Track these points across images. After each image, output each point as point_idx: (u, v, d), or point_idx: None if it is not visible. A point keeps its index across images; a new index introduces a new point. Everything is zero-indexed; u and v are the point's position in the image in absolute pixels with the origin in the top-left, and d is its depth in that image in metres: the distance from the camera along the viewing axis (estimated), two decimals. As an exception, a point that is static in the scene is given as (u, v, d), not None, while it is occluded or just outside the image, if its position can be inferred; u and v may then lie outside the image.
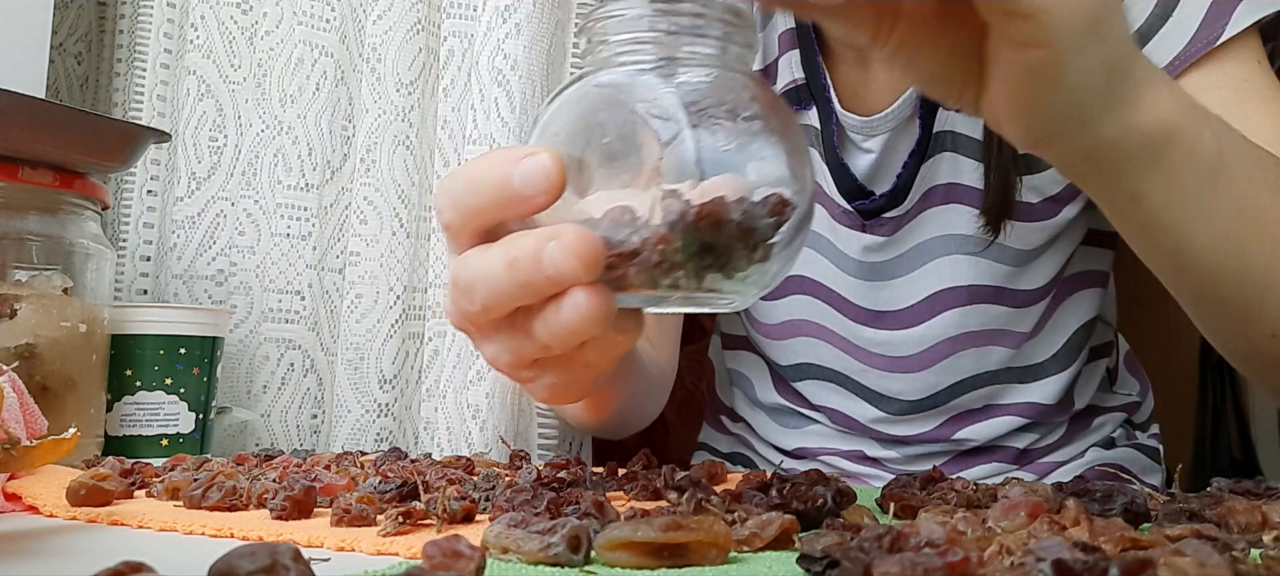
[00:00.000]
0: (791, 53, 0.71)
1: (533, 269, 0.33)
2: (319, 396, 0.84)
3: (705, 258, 0.34)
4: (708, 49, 0.36)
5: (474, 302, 0.36)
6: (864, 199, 0.69)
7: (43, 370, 0.59)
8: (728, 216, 0.33)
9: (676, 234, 0.33)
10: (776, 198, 0.34)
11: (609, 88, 0.36)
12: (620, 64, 0.36)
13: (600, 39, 0.36)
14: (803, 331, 0.74)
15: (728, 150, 0.35)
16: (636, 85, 0.36)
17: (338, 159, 0.84)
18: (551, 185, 0.33)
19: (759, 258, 0.35)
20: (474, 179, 0.35)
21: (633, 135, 0.35)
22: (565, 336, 0.35)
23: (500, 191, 0.34)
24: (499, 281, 0.35)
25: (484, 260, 0.35)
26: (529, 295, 0.35)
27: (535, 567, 0.29)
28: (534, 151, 0.33)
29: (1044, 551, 0.24)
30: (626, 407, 0.67)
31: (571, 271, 0.33)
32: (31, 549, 0.33)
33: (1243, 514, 0.34)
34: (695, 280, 0.34)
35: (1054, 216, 0.68)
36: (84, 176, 0.65)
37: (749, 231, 0.34)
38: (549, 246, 0.33)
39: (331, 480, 0.43)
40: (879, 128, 0.68)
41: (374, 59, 0.80)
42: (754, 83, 0.37)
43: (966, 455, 0.73)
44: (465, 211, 0.36)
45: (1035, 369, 0.72)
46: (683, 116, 0.34)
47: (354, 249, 0.80)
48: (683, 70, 0.36)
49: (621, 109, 0.36)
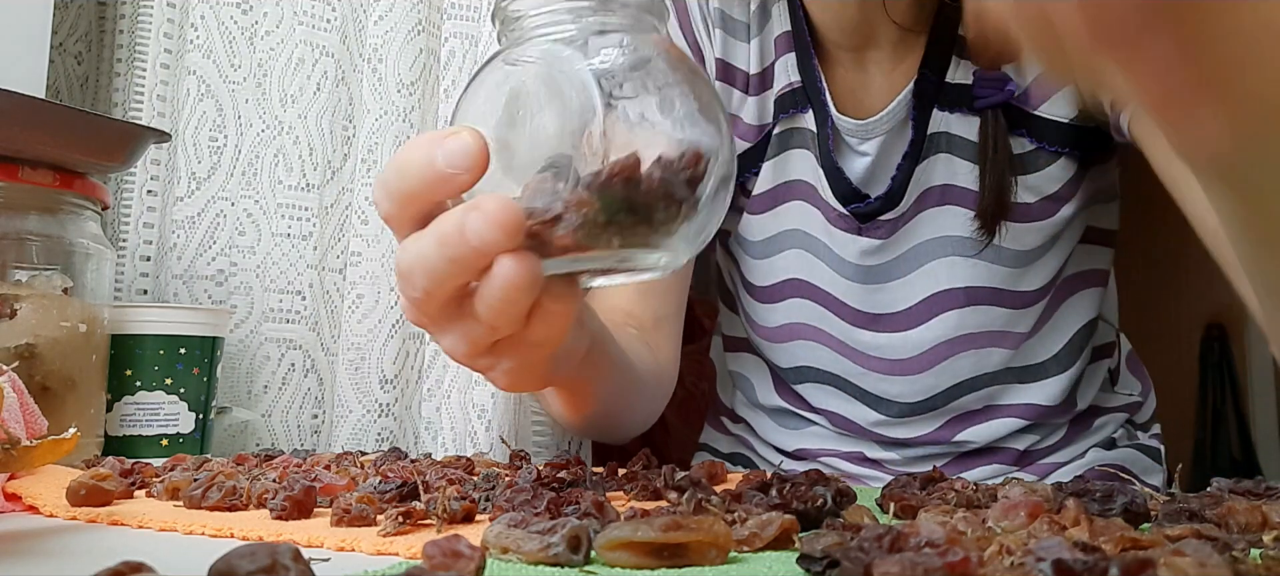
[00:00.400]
0: (788, 56, 0.71)
1: (459, 242, 0.34)
2: (319, 396, 0.84)
3: (626, 216, 0.34)
4: (619, 19, 0.37)
5: (416, 287, 0.37)
6: (859, 202, 0.69)
7: (43, 370, 0.59)
8: (641, 172, 0.34)
9: (594, 194, 0.34)
10: (692, 154, 0.35)
11: (524, 63, 0.38)
12: (534, 39, 0.37)
13: (515, 17, 0.38)
14: (801, 335, 0.74)
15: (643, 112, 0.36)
16: (551, 57, 0.37)
17: (338, 159, 0.84)
18: (474, 162, 0.34)
19: (681, 214, 0.35)
20: (402, 166, 0.36)
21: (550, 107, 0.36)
22: (500, 306, 0.35)
23: (426, 173, 0.35)
24: (432, 260, 0.36)
25: (418, 244, 0.36)
26: (461, 271, 0.36)
27: (535, 567, 0.29)
28: (456, 132, 0.34)
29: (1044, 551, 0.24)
30: (614, 407, 0.67)
31: (494, 238, 0.34)
32: (31, 549, 0.33)
33: (1243, 514, 0.34)
34: (618, 238, 0.35)
35: (1052, 216, 0.68)
36: (84, 176, 0.65)
37: (667, 188, 0.35)
38: (470, 217, 0.34)
39: (331, 480, 0.43)
40: (874, 130, 0.68)
41: (375, 59, 0.80)
42: (666, 47, 0.38)
43: (967, 457, 0.73)
44: (398, 199, 0.37)
45: (1035, 369, 0.72)
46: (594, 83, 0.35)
47: (355, 249, 0.80)
48: (594, 40, 0.37)
49: (538, 82, 0.37)
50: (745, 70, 0.73)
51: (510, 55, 0.38)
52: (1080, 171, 0.67)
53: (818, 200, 0.71)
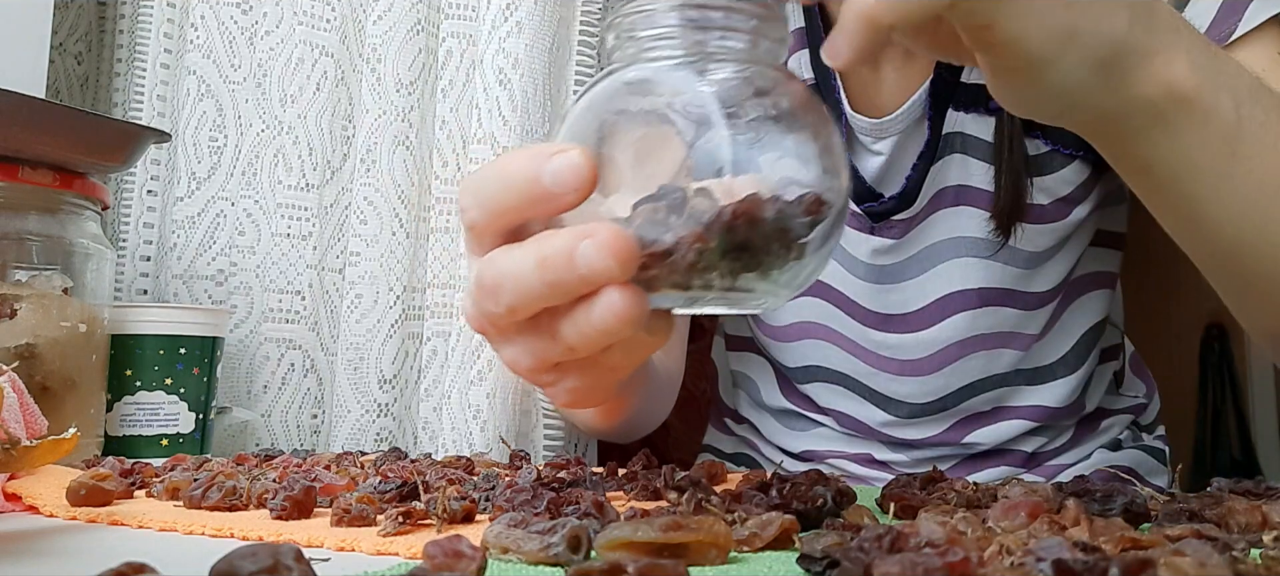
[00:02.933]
0: (801, 53, 0.71)
1: (565, 268, 0.32)
2: (319, 396, 0.84)
3: (739, 257, 0.33)
4: (738, 44, 0.35)
5: (499, 304, 0.35)
6: (873, 201, 0.69)
7: (43, 370, 0.59)
8: (763, 215, 0.32)
9: (711, 233, 0.32)
10: (812, 196, 0.33)
11: (638, 84, 0.35)
12: (649, 59, 0.35)
13: (629, 34, 0.35)
14: (811, 334, 0.74)
15: (761, 147, 0.34)
16: (667, 81, 0.35)
17: (338, 159, 0.84)
18: (582, 183, 0.32)
19: (793, 257, 0.34)
20: (502, 176, 0.34)
21: (663, 132, 0.34)
22: (595, 338, 0.34)
23: (529, 189, 0.33)
24: (528, 281, 0.33)
25: (512, 259, 0.34)
26: (558, 295, 0.34)
27: (535, 567, 0.29)
28: (564, 148, 0.33)
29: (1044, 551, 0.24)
30: (638, 412, 0.67)
31: (606, 270, 0.32)
32: (31, 549, 0.33)
33: (1243, 514, 0.34)
34: (729, 279, 0.33)
35: (1064, 218, 0.68)
36: (84, 176, 0.65)
37: (784, 230, 0.33)
38: (583, 244, 0.32)
39: (331, 480, 0.43)
40: (888, 130, 0.68)
41: (374, 59, 0.80)
42: (786, 78, 0.36)
43: (975, 459, 0.73)
44: (492, 210, 0.35)
45: (1044, 371, 0.72)
46: (715, 112, 0.33)
47: (354, 249, 0.80)
48: (713, 66, 0.35)
49: (651, 105, 0.35)
50: None
51: (623, 73, 0.36)
52: (1094, 174, 0.67)
53: None
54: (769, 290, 0.35)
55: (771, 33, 0.36)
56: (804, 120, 0.35)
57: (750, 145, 0.34)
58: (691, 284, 0.33)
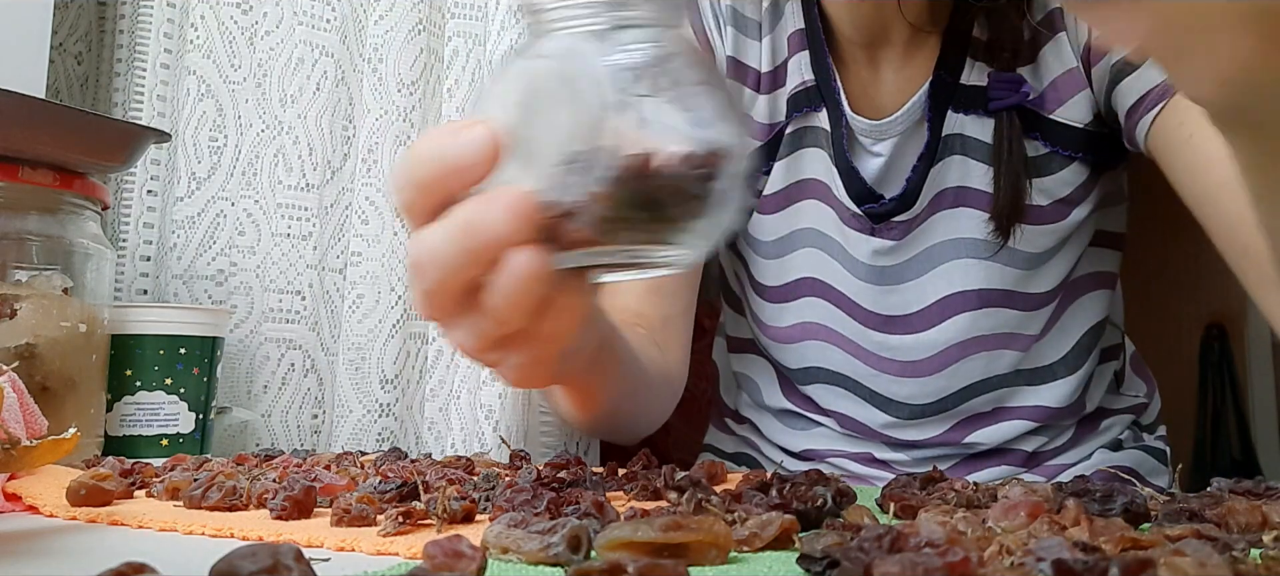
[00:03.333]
0: (801, 54, 0.71)
1: (470, 232, 0.34)
2: (319, 396, 0.84)
3: (639, 212, 0.34)
4: (640, 13, 0.37)
5: (427, 279, 0.37)
6: (873, 202, 0.69)
7: (43, 370, 0.59)
8: (658, 168, 0.34)
9: (607, 189, 0.34)
10: (707, 152, 0.35)
11: (545, 58, 0.38)
12: (555, 32, 0.37)
13: (538, 11, 0.38)
14: (812, 335, 0.74)
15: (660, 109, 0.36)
16: (570, 53, 0.37)
17: (338, 159, 0.84)
18: (485, 153, 0.34)
19: (696, 211, 0.36)
20: (416, 157, 0.36)
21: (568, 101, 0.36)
22: (512, 299, 0.35)
23: (439, 164, 0.35)
24: (443, 251, 0.35)
25: (430, 234, 0.36)
26: (472, 261, 0.35)
27: (535, 567, 0.29)
28: (470, 123, 0.35)
29: (1044, 551, 0.24)
30: (622, 407, 0.67)
31: (505, 229, 0.34)
32: (31, 549, 0.33)
33: (1243, 514, 0.34)
34: (630, 235, 0.35)
35: (1064, 219, 0.68)
36: (84, 176, 0.65)
37: (681, 185, 0.35)
38: (483, 208, 0.34)
39: (331, 480, 0.43)
40: (888, 131, 0.68)
41: (376, 59, 0.80)
42: (686, 44, 0.38)
43: (975, 458, 0.73)
44: (412, 188, 0.37)
45: (1044, 371, 0.72)
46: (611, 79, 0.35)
47: (355, 249, 0.80)
48: (615, 33, 0.37)
49: (557, 77, 0.37)
50: (757, 68, 0.73)
51: (532, 48, 0.38)
52: (1093, 176, 0.67)
53: (831, 200, 0.71)
54: (677, 244, 0.37)
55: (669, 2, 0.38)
56: (701, 82, 0.37)
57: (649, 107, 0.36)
58: (597, 242, 0.35)
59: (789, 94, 0.71)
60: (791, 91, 0.71)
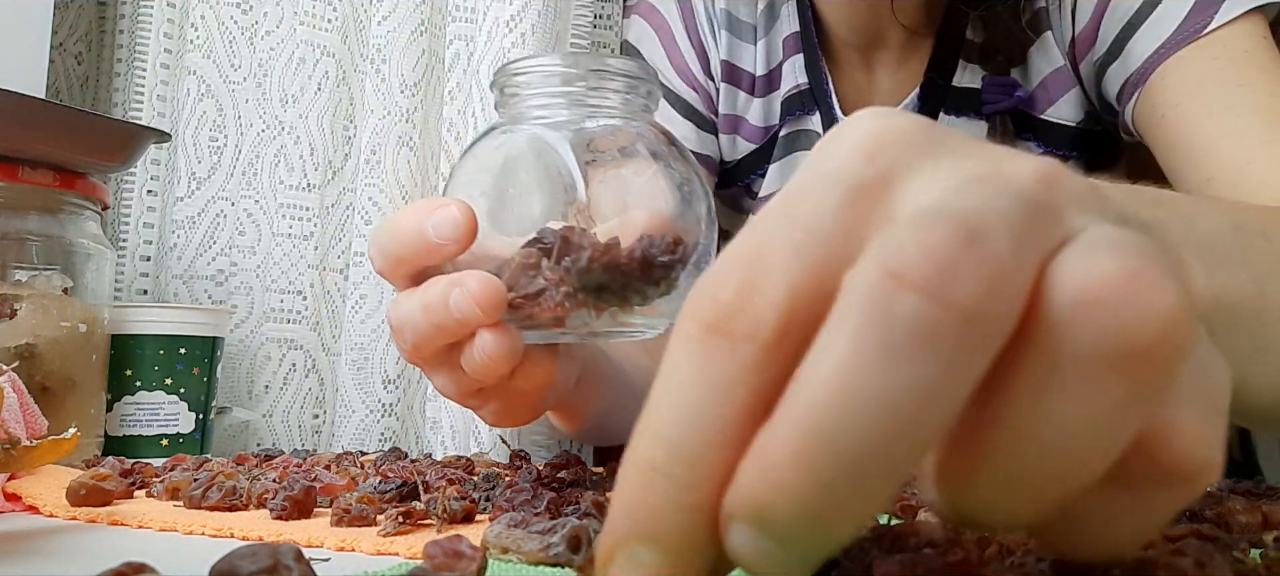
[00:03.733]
0: (795, 57, 0.71)
1: (443, 313, 0.36)
2: (320, 396, 0.84)
3: (603, 295, 0.36)
4: (611, 102, 0.39)
5: (405, 341, 0.39)
6: None
7: (43, 370, 0.59)
8: (621, 257, 0.36)
9: (573, 276, 0.35)
10: (673, 236, 0.37)
11: (514, 141, 0.40)
12: (529, 116, 0.39)
13: (512, 92, 0.40)
14: None
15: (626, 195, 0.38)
16: (543, 136, 0.39)
17: (339, 159, 0.84)
18: (461, 234, 0.36)
19: (660, 292, 0.37)
20: (394, 230, 0.38)
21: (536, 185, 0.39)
22: (482, 371, 0.38)
23: (417, 241, 0.37)
24: (419, 324, 0.38)
25: (407, 305, 0.38)
26: (445, 335, 0.38)
27: (535, 567, 0.29)
28: (446, 203, 0.37)
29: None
30: (610, 418, 0.67)
31: (474, 315, 0.36)
32: (31, 549, 0.33)
33: (1243, 514, 0.34)
34: (597, 316, 0.37)
35: None
36: (84, 176, 0.65)
37: (647, 269, 0.36)
38: (454, 293, 0.36)
39: (331, 480, 0.43)
40: None
41: (378, 60, 0.80)
42: (654, 131, 0.40)
43: None
44: (390, 260, 0.39)
45: None
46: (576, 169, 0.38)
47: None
48: (587, 122, 0.39)
49: (526, 160, 0.39)
50: (751, 72, 0.73)
51: (504, 128, 0.40)
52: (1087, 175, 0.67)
53: None
54: (645, 322, 0.39)
55: (642, 89, 0.40)
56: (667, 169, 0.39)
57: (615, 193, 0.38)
58: (564, 322, 0.37)
59: (783, 97, 0.71)
60: (785, 95, 0.71)
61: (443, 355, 0.39)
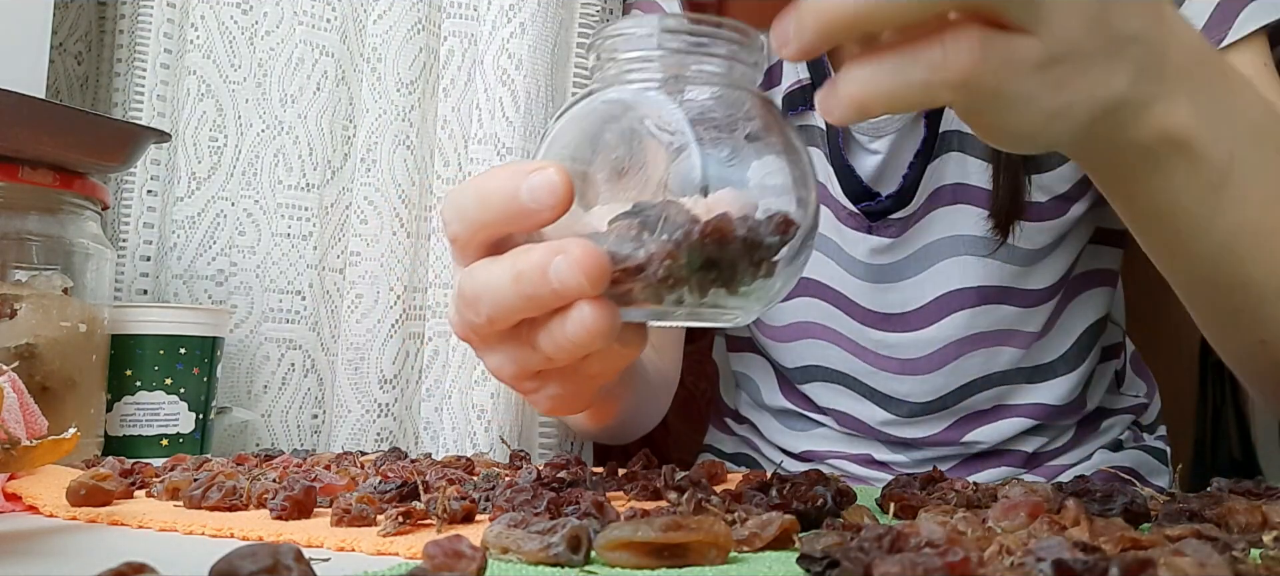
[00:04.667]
0: None
1: (539, 282, 0.34)
2: (319, 396, 0.84)
3: (709, 273, 0.34)
4: (714, 67, 0.36)
5: (479, 314, 0.36)
6: (870, 200, 0.69)
7: (43, 370, 0.59)
8: (732, 233, 0.33)
9: (682, 250, 0.33)
10: (781, 215, 0.35)
11: (616, 104, 0.37)
12: (628, 81, 0.37)
13: (609, 56, 0.37)
14: (810, 333, 0.74)
15: (733, 166, 0.35)
16: (643, 101, 0.36)
17: (338, 159, 0.84)
18: (558, 200, 0.34)
19: (763, 274, 0.35)
20: (482, 193, 0.35)
21: (639, 150, 0.35)
22: (569, 349, 0.35)
23: (508, 205, 0.35)
24: (505, 294, 0.35)
25: (490, 272, 0.35)
26: (534, 308, 0.35)
27: (535, 567, 0.29)
28: (542, 166, 0.34)
29: (1044, 551, 0.24)
30: (629, 415, 0.68)
31: (577, 286, 0.33)
32: (31, 549, 0.33)
33: (1243, 514, 0.34)
34: (699, 295, 0.34)
35: (1062, 215, 0.68)
36: (84, 176, 0.65)
37: (753, 248, 0.34)
38: (556, 260, 0.33)
39: (331, 480, 0.43)
40: (885, 128, 0.68)
41: (374, 59, 0.80)
42: (759, 101, 0.37)
43: (976, 459, 0.73)
44: (473, 225, 0.36)
45: (1044, 369, 0.72)
46: (689, 132, 0.35)
47: (354, 249, 0.80)
48: (689, 88, 0.36)
49: (628, 124, 0.36)
50: None
51: (603, 93, 0.37)
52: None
53: (827, 198, 0.71)
54: (740, 305, 0.36)
55: (746, 57, 0.37)
56: (775, 140, 0.36)
57: (722, 165, 0.35)
58: (663, 299, 0.34)
59: (784, 93, 0.72)
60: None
61: (513, 330, 0.37)
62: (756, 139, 0.36)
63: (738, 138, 0.36)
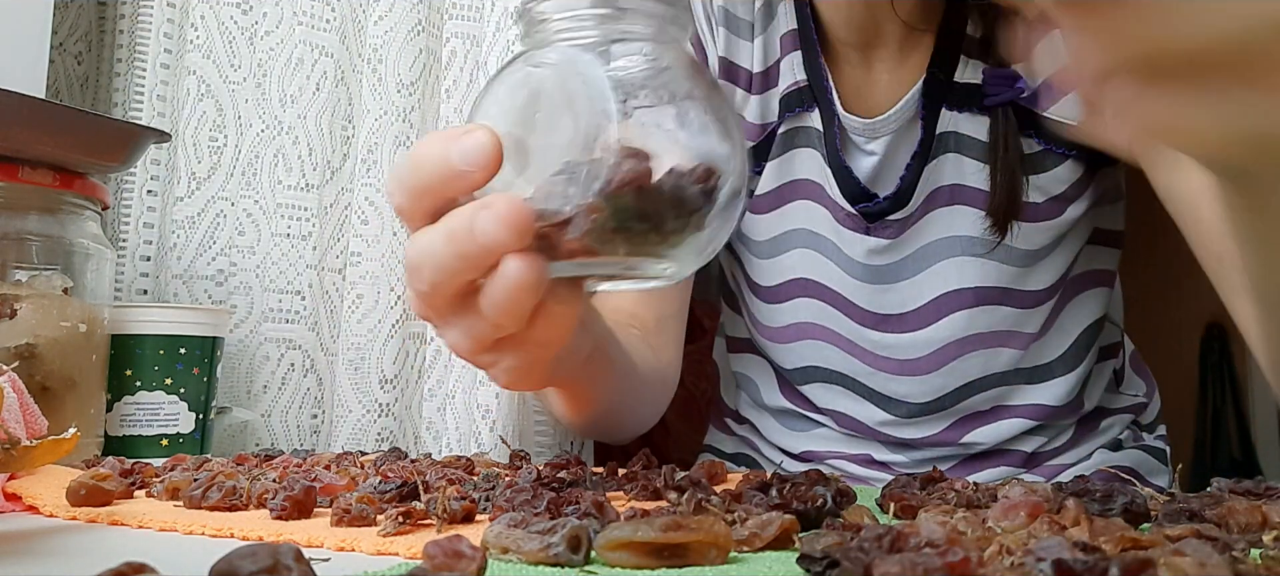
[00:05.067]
0: (794, 54, 0.71)
1: (467, 238, 0.35)
2: (319, 396, 0.84)
3: (635, 224, 0.35)
4: (641, 28, 0.37)
5: (423, 280, 0.37)
6: (867, 201, 0.69)
7: (43, 370, 0.59)
8: (654, 184, 0.34)
9: (604, 200, 0.34)
10: (704, 167, 0.36)
11: (545, 66, 0.38)
12: (556, 43, 0.38)
13: (539, 20, 0.38)
14: (808, 334, 0.74)
15: (658, 122, 0.36)
16: (571, 62, 0.37)
17: (338, 159, 0.84)
18: (487, 160, 0.35)
19: (691, 227, 0.36)
20: (416, 160, 0.37)
21: (567, 111, 0.36)
22: (505, 305, 0.36)
23: (440, 169, 0.35)
24: (440, 255, 0.36)
25: (427, 237, 0.37)
26: (468, 267, 0.36)
27: (535, 567, 0.29)
28: (471, 129, 0.35)
29: (1044, 551, 0.24)
30: (615, 408, 0.67)
31: (502, 237, 0.34)
32: (31, 549, 0.33)
33: (1243, 514, 0.34)
34: (626, 246, 0.35)
35: (1060, 216, 0.68)
36: (84, 176, 0.65)
37: (678, 199, 0.35)
38: (480, 215, 0.34)
39: (331, 480, 0.43)
40: (881, 129, 0.68)
41: (375, 60, 0.80)
42: (685, 59, 0.38)
43: (975, 459, 0.73)
44: (412, 193, 0.37)
45: (1043, 369, 0.72)
46: (610, 91, 0.36)
47: (355, 249, 0.80)
48: (616, 48, 0.37)
49: (556, 86, 0.37)
50: (749, 68, 0.73)
51: (531, 57, 0.38)
52: (1088, 173, 0.67)
53: (825, 199, 0.71)
54: (670, 256, 0.37)
55: (673, 17, 0.38)
56: (700, 97, 0.37)
57: (645, 121, 0.36)
58: (593, 252, 0.35)
59: (781, 94, 0.72)
60: (784, 92, 0.71)
61: (460, 298, 0.38)
62: (682, 96, 0.37)
63: (663, 95, 0.37)
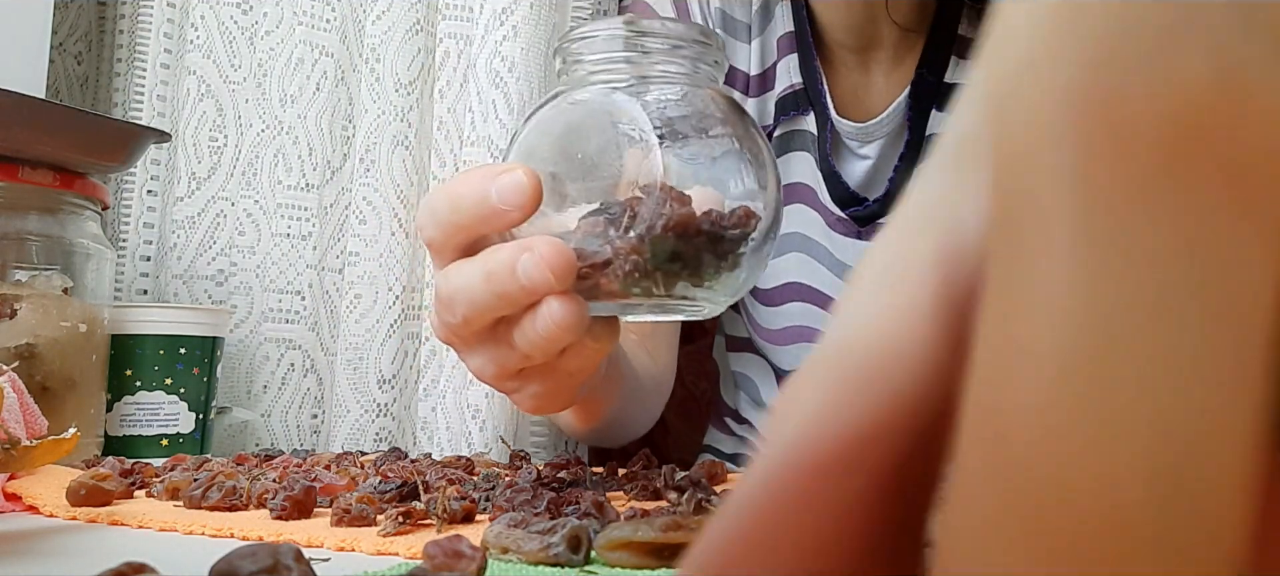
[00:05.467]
0: (790, 57, 0.71)
1: (508, 279, 0.35)
2: (319, 396, 0.84)
3: (673, 265, 0.35)
4: (678, 67, 0.38)
5: (456, 315, 0.37)
6: (858, 205, 0.69)
7: (43, 370, 0.59)
8: (695, 226, 0.35)
9: (646, 244, 0.34)
10: (742, 209, 0.36)
11: (583, 105, 0.38)
12: (594, 82, 0.38)
13: (575, 59, 0.38)
14: (803, 337, 0.74)
15: (696, 164, 0.37)
16: (609, 102, 0.37)
17: (337, 159, 0.84)
18: (527, 200, 0.35)
19: (728, 266, 0.36)
20: (454, 196, 0.37)
21: (606, 150, 0.37)
22: (542, 344, 0.36)
23: (479, 207, 0.36)
24: (478, 293, 0.36)
25: (464, 273, 0.36)
26: (506, 306, 0.36)
27: (535, 567, 0.29)
28: (511, 168, 0.35)
29: None
30: (617, 416, 0.67)
31: (544, 281, 0.34)
32: (31, 549, 0.33)
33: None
34: (665, 288, 0.36)
35: None
36: (84, 176, 0.65)
37: (717, 241, 0.35)
38: (523, 258, 0.34)
39: (331, 480, 0.43)
40: (874, 133, 0.68)
41: (373, 59, 0.80)
42: (723, 99, 0.39)
43: None
44: (446, 228, 0.37)
45: None
46: (652, 132, 0.36)
47: (353, 249, 0.80)
48: (654, 88, 0.37)
49: (595, 125, 0.38)
50: (745, 71, 0.73)
51: (569, 94, 0.38)
52: None
53: (817, 204, 0.71)
54: (706, 297, 0.37)
55: (709, 57, 0.38)
56: (737, 138, 0.38)
57: (686, 162, 0.36)
58: (630, 292, 0.36)
59: (777, 97, 0.72)
60: (779, 95, 0.71)
61: (490, 330, 0.38)
62: (719, 136, 0.37)
63: (701, 135, 0.37)
